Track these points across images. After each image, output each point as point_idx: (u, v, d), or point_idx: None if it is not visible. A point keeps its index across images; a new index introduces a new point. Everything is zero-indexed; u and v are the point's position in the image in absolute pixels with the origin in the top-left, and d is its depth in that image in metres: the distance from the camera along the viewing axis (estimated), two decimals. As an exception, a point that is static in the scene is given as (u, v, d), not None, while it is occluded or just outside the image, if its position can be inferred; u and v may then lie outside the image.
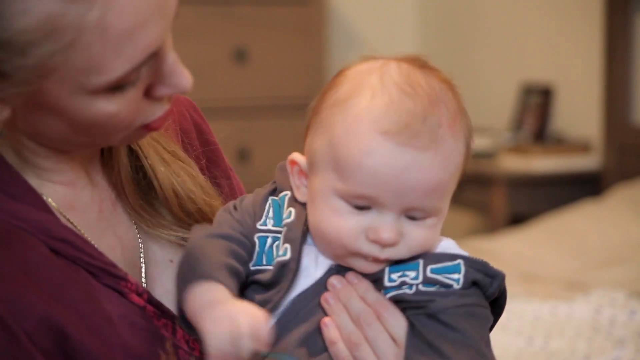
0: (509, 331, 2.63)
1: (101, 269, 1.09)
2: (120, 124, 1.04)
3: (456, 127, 1.11)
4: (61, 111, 1.01)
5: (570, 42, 4.22)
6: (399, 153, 1.05)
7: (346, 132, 1.07)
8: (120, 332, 1.06)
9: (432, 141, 1.06)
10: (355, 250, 1.07)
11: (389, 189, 1.05)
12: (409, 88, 1.09)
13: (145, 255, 1.20)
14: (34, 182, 1.10)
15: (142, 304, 1.12)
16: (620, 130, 3.88)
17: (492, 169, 4.03)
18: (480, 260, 1.10)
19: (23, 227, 1.05)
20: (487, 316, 1.10)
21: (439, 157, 1.07)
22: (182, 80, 1.05)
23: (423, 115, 1.07)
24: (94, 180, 1.17)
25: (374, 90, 1.08)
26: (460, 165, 1.12)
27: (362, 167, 1.05)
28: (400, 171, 1.04)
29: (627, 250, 3.18)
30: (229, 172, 1.35)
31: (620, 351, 2.44)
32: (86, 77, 0.98)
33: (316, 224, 1.10)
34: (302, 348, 1.07)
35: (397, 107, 1.06)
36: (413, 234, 1.08)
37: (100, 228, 1.16)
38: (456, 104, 1.14)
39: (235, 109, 4.33)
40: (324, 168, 1.09)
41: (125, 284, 1.11)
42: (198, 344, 1.16)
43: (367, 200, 1.06)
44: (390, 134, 1.05)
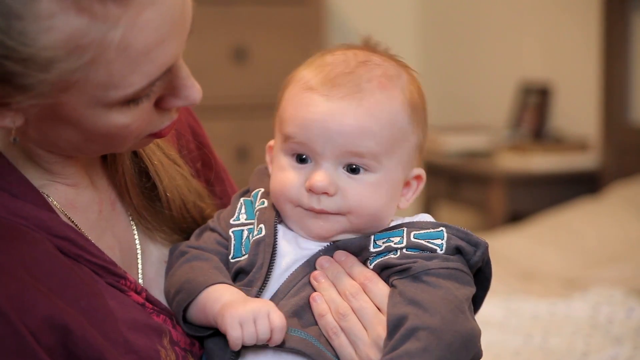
0: (507, 329, 2.64)
1: (102, 267, 1.11)
2: (131, 135, 1.06)
3: (390, 86, 1.17)
4: (75, 122, 1.03)
5: (569, 41, 4.23)
6: (322, 102, 1.15)
7: (286, 98, 1.20)
8: (122, 328, 1.07)
9: (355, 92, 1.15)
10: (297, 201, 1.16)
11: (316, 133, 1.15)
12: (343, 55, 1.19)
13: (143, 256, 1.22)
14: (38, 182, 1.11)
15: (141, 301, 1.14)
16: (618, 129, 3.89)
17: (490, 167, 4.04)
18: (463, 229, 1.16)
19: (26, 225, 1.06)
20: (469, 282, 1.15)
21: (364, 106, 1.15)
22: (193, 93, 1.08)
23: (349, 71, 1.16)
24: (94, 182, 1.18)
25: (311, 62, 1.21)
26: (401, 125, 1.17)
27: (293, 117, 1.16)
28: (323, 116, 1.14)
29: (625, 248, 3.18)
30: (223, 174, 1.37)
31: (618, 349, 2.45)
32: (104, 91, 0.99)
33: (271, 187, 1.19)
34: (294, 319, 1.13)
35: (325, 68, 1.18)
36: (350, 187, 1.15)
37: (100, 228, 1.17)
38: (396, 70, 1.19)
39: (234, 107, 4.33)
40: (276, 133, 1.21)
41: (124, 282, 1.13)
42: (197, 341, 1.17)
43: (302, 148, 1.16)
44: (315, 88, 1.16)
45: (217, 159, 1.37)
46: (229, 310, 1.10)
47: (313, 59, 1.21)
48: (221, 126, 4.21)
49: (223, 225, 1.22)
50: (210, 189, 1.33)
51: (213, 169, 1.35)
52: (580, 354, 2.45)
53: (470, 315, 1.12)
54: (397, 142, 1.17)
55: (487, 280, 1.19)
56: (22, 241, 1.04)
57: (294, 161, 1.17)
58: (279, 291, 1.15)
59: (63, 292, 1.03)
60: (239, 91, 4.36)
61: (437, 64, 4.96)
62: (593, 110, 4.05)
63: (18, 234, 1.04)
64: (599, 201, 3.56)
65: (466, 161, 4.19)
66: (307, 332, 1.13)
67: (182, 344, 1.15)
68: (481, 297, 1.18)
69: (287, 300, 1.14)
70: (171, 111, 1.10)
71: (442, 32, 4.99)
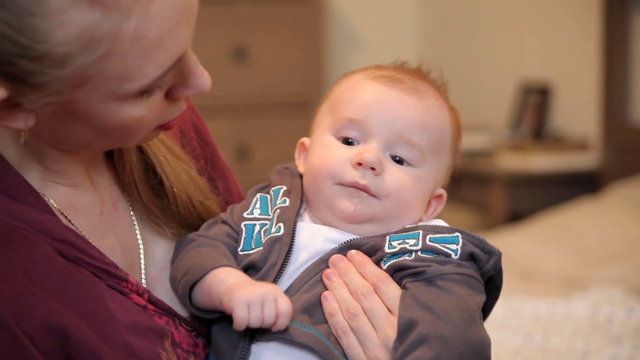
0: (507, 328, 2.64)
1: (102, 270, 1.10)
2: (142, 127, 1.06)
3: (442, 101, 1.23)
4: (89, 118, 1.03)
5: (569, 40, 4.23)
6: (386, 90, 1.20)
7: (341, 87, 1.23)
8: (123, 331, 1.07)
9: (416, 91, 1.20)
10: (339, 177, 1.17)
11: (375, 113, 1.18)
12: (401, 68, 1.25)
13: (145, 255, 1.21)
14: (37, 184, 1.11)
15: (143, 303, 1.14)
16: (618, 129, 3.89)
17: (490, 167, 4.04)
18: (478, 236, 1.16)
19: (24, 228, 1.05)
20: (481, 290, 1.15)
21: (423, 103, 1.20)
22: (203, 81, 1.08)
23: (409, 77, 1.22)
24: (95, 182, 1.18)
25: (368, 68, 1.25)
26: (446, 134, 1.22)
27: (353, 98, 1.20)
28: (386, 100, 1.19)
29: (625, 248, 3.18)
30: (226, 172, 1.37)
31: (618, 348, 2.45)
32: (119, 84, 0.99)
33: (310, 164, 1.21)
34: (305, 315, 1.13)
35: (387, 69, 1.23)
36: (394, 172, 1.18)
37: (101, 229, 1.17)
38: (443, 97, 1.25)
39: (235, 107, 4.34)
40: (321, 120, 1.23)
41: (126, 284, 1.12)
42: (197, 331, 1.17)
43: (354, 127, 1.19)
44: (379, 79, 1.21)
45: (220, 157, 1.37)
46: (237, 290, 1.11)
47: (366, 67, 1.26)
48: (221, 126, 4.21)
49: (236, 218, 1.23)
50: (213, 186, 1.32)
51: (216, 166, 1.35)
52: (580, 354, 2.45)
53: (481, 323, 1.12)
54: (441, 148, 1.21)
55: (497, 289, 1.20)
56: (20, 245, 1.04)
57: (340, 142, 1.20)
58: (291, 287, 1.16)
59: (62, 296, 1.03)
60: (239, 91, 4.36)
61: (437, 64, 4.95)
62: (593, 110, 4.05)
63: (16, 238, 1.04)
64: (599, 201, 3.56)
65: (466, 161, 4.19)
66: (317, 329, 1.13)
67: (184, 345, 1.15)
68: (490, 306, 1.19)
69: (299, 296, 1.15)
70: (180, 102, 1.10)
71: (442, 31, 4.99)
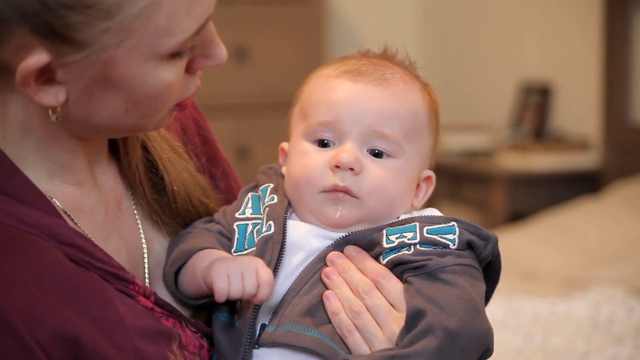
0: (508, 328, 2.64)
1: (111, 273, 1.09)
2: (169, 99, 1.06)
3: (411, 82, 1.21)
4: (124, 84, 1.02)
5: (569, 40, 4.23)
6: (352, 85, 1.18)
7: (308, 89, 1.22)
8: (132, 336, 1.06)
9: (382, 80, 1.19)
10: (320, 184, 1.16)
11: (344, 112, 1.17)
12: (365, 58, 1.23)
13: (149, 255, 1.21)
14: (44, 184, 1.10)
15: (150, 305, 1.13)
16: (619, 129, 3.89)
17: (491, 166, 4.04)
18: (473, 223, 1.16)
19: (34, 233, 1.04)
20: (481, 278, 1.15)
21: (390, 91, 1.18)
22: (221, 51, 1.09)
23: (374, 66, 1.20)
24: (98, 181, 1.18)
25: (332, 63, 1.24)
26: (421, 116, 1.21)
27: (320, 100, 1.19)
28: (352, 96, 1.17)
29: (626, 247, 3.18)
30: (228, 170, 1.37)
31: (618, 348, 2.45)
32: (160, 39, 1.00)
33: (289, 173, 1.20)
34: (307, 318, 1.13)
35: (351, 62, 1.22)
36: (374, 168, 1.17)
37: (106, 230, 1.17)
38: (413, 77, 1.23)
39: (235, 106, 4.34)
40: (295, 125, 1.22)
41: (133, 287, 1.12)
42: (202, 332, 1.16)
43: (327, 129, 1.18)
44: (344, 75, 1.19)
45: (221, 154, 1.37)
46: (217, 263, 1.11)
47: (332, 61, 1.24)
48: (222, 125, 4.21)
49: (228, 218, 1.22)
50: (215, 184, 1.32)
51: (218, 164, 1.35)
52: (580, 354, 2.45)
53: (485, 313, 1.12)
54: (418, 132, 1.20)
55: (496, 273, 1.19)
56: (30, 251, 1.03)
57: (316, 146, 1.19)
58: (291, 289, 1.15)
59: (73, 302, 1.02)
60: (240, 90, 4.36)
61: (438, 63, 4.96)
62: (594, 110, 4.05)
63: (26, 244, 1.03)
64: (600, 201, 3.56)
65: (467, 160, 4.19)
66: (320, 331, 1.12)
67: (191, 347, 1.14)
68: (491, 290, 1.19)
69: (299, 299, 1.14)
70: (196, 77, 1.10)
71: (443, 31, 4.99)
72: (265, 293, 1.09)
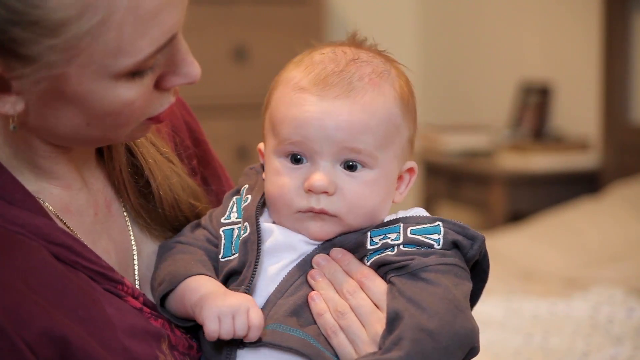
0: (508, 328, 2.64)
1: (99, 273, 1.09)
2: (132, 115, 1.04)
3: (381, 83, 1.17)
4: (80, 100, 1.00)
5: (569, 40, 4.23)
6: (316, 102, 1.15)
7: (277, 99, 1.19)
8: (121, 336, 1.06)
9: (349, 90, 1.15)
10: (295, 206, 1.15)
11: (313, 131, 1.14)
12: (332, 54, 1.19)
13: (139, 257, 1.20)
14: (32, 186, 1.10)
15: (139, 306, 1.13)
16: (618, 129, 3.89)
17: (490, 167, 4.04)
18: (460, 223, 1.15)
19: (22, 233, 1.04)
20: (467, 277, 1.14)
21: (359, 103, 1.15)
22: (193, 70, 1.07)
23: (339, 70, 1.16)
24: (88, 183, 1.17)
25: (299, 61, 1.20)
26: (394, 120, 1.17)
27: (287, 118, 1.16)
28: (320, 115, 1.14)
29: (626, 248, 3.18)
30: (220, 171, 1.35)
31: (618, 348, 2.45)
32: (113, 59, 0.98)
33: (266, 191, 1.19)
34: (292, 318, 1.12)
35: (315, 67, 1.17)
36: (348, 185, 1.15)
37: (95, 231, 1.16)
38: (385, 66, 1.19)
39: (234, 107, 4.34)
40: (267, 136, 1.20)
41: (122, 287, 1.11)
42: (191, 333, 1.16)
43: (298, 147, 1.15)
44: (308, 89, 1.16)
45: (214, 156, 1.35)
46: (208, 301, 1.10)
47: (300, 58, 1.21)
48: (221, 125, 4.20)
49: (214, 223, 1.22)
50: (207, 187, 1.31)
51: (209, 166, 1.34)
52: (580, 354, 2.45)
53: (469, 312, 1.11)
54: (392, 137, 1.17)
55: (484, 272, 1.18)
56: (18, 251, 1.02)
57: (288, 162, 1.16)
58: (276, 290, 1.15)
59: (61, 302, 1.02)
60: (239, 91, 4.36)
61: (438, 64, 4.96)
62: (593, 110, 4.05)
63: (14, 244, 1.03)
64: (599, 201, 3.56)
65: (466, 161, 4.19)
66: (305, 331, 1.12)
67: (180, 347, 1.14)
68: (479, 290, 1.18)
69: (285, 300, 1.14)
70: (169, 93, 1.08)
71: (443, 31, 4.99)
72: (256, 335, 1.09)
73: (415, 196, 4.49)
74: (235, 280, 1.16)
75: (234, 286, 1.15)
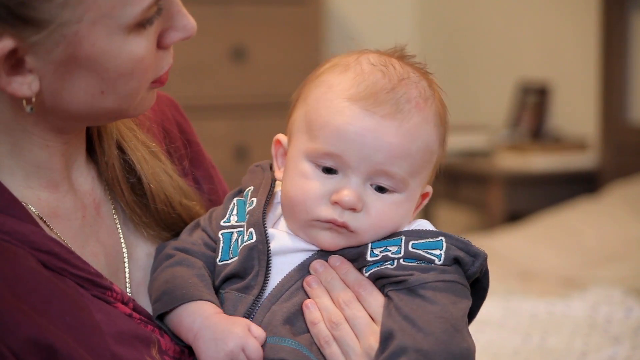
0: (506, 328, 2.64)
1: (87, 280, 1.08)
2: (143, 76, 1.06)
3: (426, 108, 1.15)
4: (94, 63, 1.02)
5: (567, 40, 4.23)
6: (363, 116, 1.11)
7: (318, 99, 1.14)
8: (109, 341, 1.05)
9: (397, 112, 1.11)
10: (316, 214, 1.12)
11: (353, 147, 1.11)
12: (382, 66, 1.15)
13: (130, 260, 1.19)
14: (20, 188, 1.09)
15: (129, 312, 1.11)
16: (617, 129, 3.89)
17: (489, 167, 4.04)
18: (462, 239, 1.13)
19: (8, 240, 1.03)
20: (466, 294, 1.12)
21: (404, 127, 1.12)
22: (189, 22, 1.08)
23: (390, 87, 1.13)
24: (76, 184, 1.16)
25: (347, 66, 1.16)
26: (432, 147, 1.15)
27: (329, 126, 1.12)
28: (363, 132, 1.10)
29: (624, 247, 3.18)
30: (212, 171, 1.34)
31: (616, 348, 2.45)
32: (120, 9, 1.00)
33: (286, 190, 1.15)
34: (286, 326, 1.11)
35: (366, 78, 1.13)
36: (375, 205, 1.12)
37: (84, 235, 1.15)
38: (430, 92, 1.17)
39: (233, 107, 4.33)
40: (298, 133, 1.16)
41: (110, 293, 1.10)
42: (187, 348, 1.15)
43: (333, 160, 1.12)
44: (356, 99, 1.12)
45: (205, 157, 1.34)
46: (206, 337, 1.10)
47: (346, 63, 1.16)
48: (220, 125, 4.20)
49: (214, 225, 1.20)
50: (198, 187, 1.30)
51: (201, 166, 1.33)
52: (578, 354, 2.45)
53: (466, 331, 1.10)
54: (426, 164, 1.15)
55: (484, 290, 1.16)
56: (4, 258, 1.01)
57: (319, 170, 1.13)
58: (271, 294, 1.13)
59: (47, 309, 1.01)
60: (238, 90, 4.36)
61: (436, 64, 4.95)
62: (592, 110, 4.05)
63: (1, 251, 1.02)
64: (598, 201, 3.56)
65: (465, 161, 4.20)
66: (298, 340, 1.11)
67: (171, 352, 1.13)
68: (477, 307, 1.16)
69: (279, 306, 1.13)
70: (169, 53, 1.10)
71: (441, 31, 4.99)
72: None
73: (414, 196, 4.48)
74: (234, 284, 1.15)
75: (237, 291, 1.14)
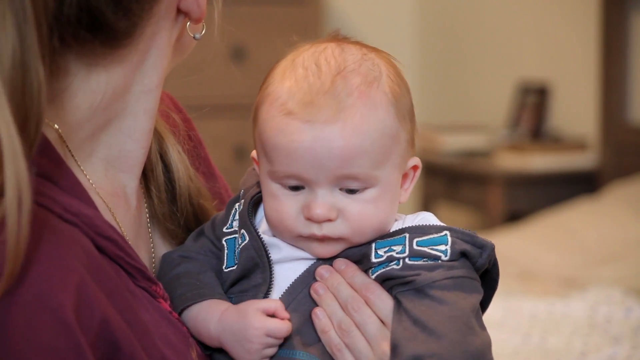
0: (506, 328, 2.64)
1: (139, 271, 1.05)
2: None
3: (371, 93, 1.10)
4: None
5: (567, 40, 4.23)
6: (304, 129, 1.07)
7: (264, 120, 1.13)
8: (157, 343, 1.02)
9: (338, 111, 1.07)
10: (297, 232, 1.10)
11: (305, 163, 1.08)
12: (314, 66, 1.12)
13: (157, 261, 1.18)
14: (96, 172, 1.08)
15: (169, 309, 1.09)
16: (616, 128, 3.89)
17: (488, 167, 4.04)
18: (468, 231, 1.10)
19: (75, 222, 0.98)
20: (476, 288, 1.10)
21: (349, 126, 1.07)
22: None
23: (327, 87, 1.09)
24: None
25: (284, 74, 1.14)
26: (390, 131, 1.10)
27: (278, 148, 1.09)
28: (310, 144, 1.07)
29: (624, 247, 3.18)
30: (214, 170, 1.34)
31: (616, 348, 2.45)
32: None
33: (265, 211, 1.14)
34: (296, 337, 1.09)
35: (301, 85, 1.10)
36: (350, 208, 1.09)
37: (135, 227, 1.14)
38: (375, 71, 1.12)
39: (232, 107, 4.34)
40: (259, 155, 1.14)
41: (155, 288, 1.08)
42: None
43: (294, 179, 1.09)
44: (295, 113, 1.08)
45: (209, 157, 1.34)
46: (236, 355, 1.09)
47: (284, 68, 1.15)
48: (220, 126, 4.20)
49: (218, 233, 1.18)
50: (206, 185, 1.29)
51: (209, 166, 1.32)
52: (578, 354, 2.45)
53: (479, 326, 1.08)
54: (389, 150, 1.10)
55: (494, 280, 1.15)
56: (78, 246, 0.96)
57: (286, 189, 1.11)
58: None
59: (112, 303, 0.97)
60: (238, 90, 4.36)
61: (435, 64, 4.96)
62: (591, 110, 4.05)
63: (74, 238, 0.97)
64: (598, 201, 3.56)
65: (464, 161, 4.20)
66: (309, 351, 1.09)
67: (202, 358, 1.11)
68: (489, 297, 1.14)
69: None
70: None
71: (440, 31, 4.99)
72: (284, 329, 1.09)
73: (414, 196, 4.48)
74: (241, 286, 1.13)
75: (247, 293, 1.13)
